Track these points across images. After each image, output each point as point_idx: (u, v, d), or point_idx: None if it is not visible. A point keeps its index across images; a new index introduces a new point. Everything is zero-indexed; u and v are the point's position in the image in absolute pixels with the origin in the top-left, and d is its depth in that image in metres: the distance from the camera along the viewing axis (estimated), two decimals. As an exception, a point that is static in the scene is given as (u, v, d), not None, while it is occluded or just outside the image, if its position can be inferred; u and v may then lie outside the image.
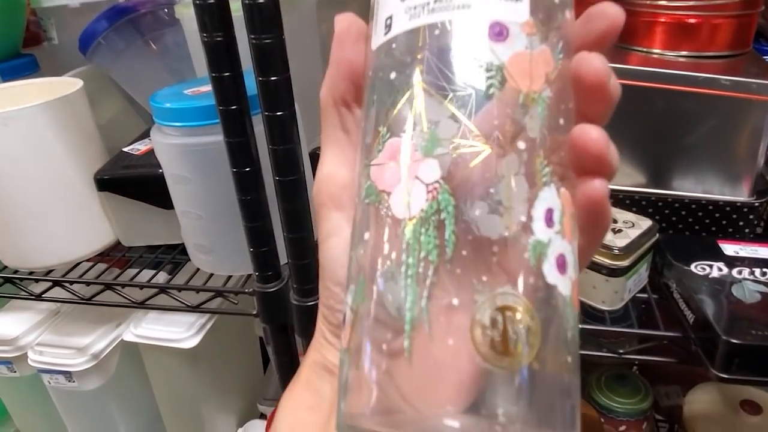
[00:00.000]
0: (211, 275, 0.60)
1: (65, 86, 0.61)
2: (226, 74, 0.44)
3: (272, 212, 0.51)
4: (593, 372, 0.75)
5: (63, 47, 0.78)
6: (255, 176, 0.48)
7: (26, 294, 0.65)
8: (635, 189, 0.56)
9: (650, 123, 0.53)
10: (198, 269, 0.61)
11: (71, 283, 0.63)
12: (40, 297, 0.64)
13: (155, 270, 0.66)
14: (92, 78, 0.68)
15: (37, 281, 0.65)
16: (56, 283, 0.64)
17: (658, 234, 0.52)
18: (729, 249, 0.52)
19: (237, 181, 0.48)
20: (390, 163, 0.18)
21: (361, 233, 0.19)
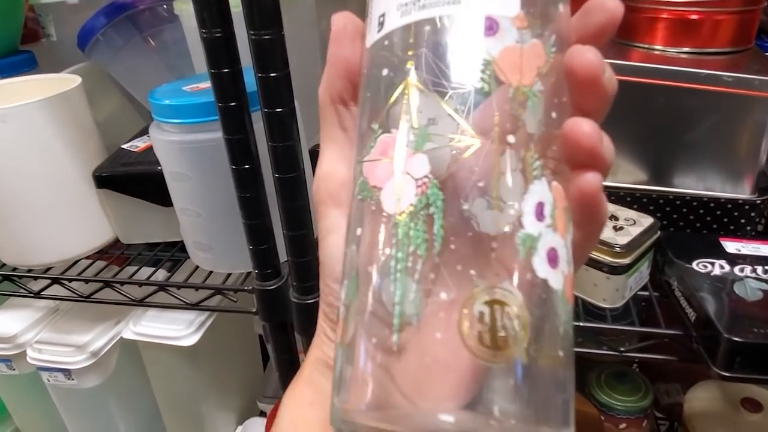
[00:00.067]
0: (211, 273, 0.60)
1: (63, 83, 0.61)
2: (225, 71, 0.43)
3: (272, 209, 0.50)
4: (593, 369, 0.75)
5: (61, 44, 0.78)
6: (254, 173, 0.48)
7: (25, 291, 0.65)
8: (637, 186, 0.55)
9: (652, 120, 0.53)
10: (197, 267, 0.61)
11: (70, 281, 0.63)
12: (39, 295, 0.64)
13: (154, 268, 0.66)
14: (90, 75, 0.67)
15: (36, 279, 0.65)
16: (55, 281, 0.64)
17: (660, 231, 0.52)
18: (731, 246, 0.52)
19: (236, 179, 0.48)
20: (381, 159, 0.18)
21: (354, 229, 0.19)
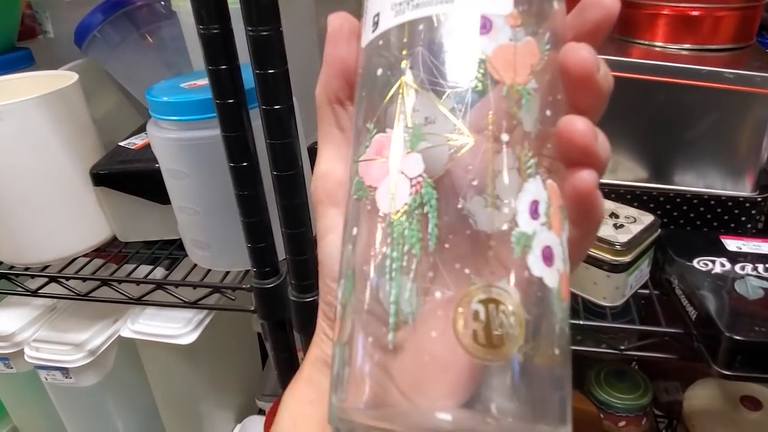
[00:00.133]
0: (209, 271, 0.60)
1: (60, 80, 0.60)
2: (223, 67, 0.43)
3: (270, 207, 0.50)
4: (592, 367, 0.75)
5: (58, 40, 0.78)
6: (252, 171, 0.48)
7: (22, 290, 0.65)
8: (637, 184, 0.55)
9: (652, 117, 0.53)
10: (195, 265, 0.61)
11: (67, 279, 0.63)
12: (36, 293, 0.64)
13: (152, 266, 0.66)
14: (88, 71, 0.67)
15: (33, 277, 0.64)
16: (52, 279, 0.63)
17: (660, 229, 0.52)
18: (732, 244, 0.51)
19: (234, 176, 0.48)
20: (377, 159, 0.18)
21: (351, 228, 0.19)
